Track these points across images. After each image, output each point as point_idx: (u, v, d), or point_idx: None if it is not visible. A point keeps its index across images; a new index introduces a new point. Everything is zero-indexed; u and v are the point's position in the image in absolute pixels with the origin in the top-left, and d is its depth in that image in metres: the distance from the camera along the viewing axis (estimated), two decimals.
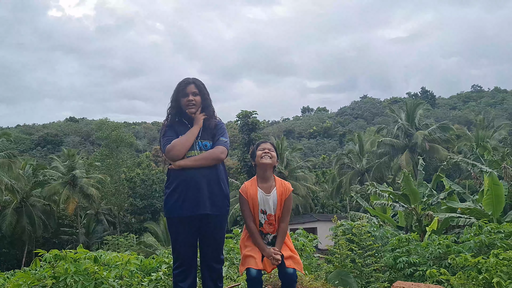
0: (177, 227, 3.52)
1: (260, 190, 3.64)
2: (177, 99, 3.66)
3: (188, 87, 3.64)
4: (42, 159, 58.80)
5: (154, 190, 46.23)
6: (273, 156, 3.66)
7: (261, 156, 3.64)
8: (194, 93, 3.63)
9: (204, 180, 3.47)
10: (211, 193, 3.49)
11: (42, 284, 5.19)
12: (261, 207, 3.62)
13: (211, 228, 3.55)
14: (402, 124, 38.98)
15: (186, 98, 3.61)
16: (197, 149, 3.54)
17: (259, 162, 3.65)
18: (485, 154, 22.31)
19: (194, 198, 3.43)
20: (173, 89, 3.71)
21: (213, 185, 3.51)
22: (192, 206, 3.43)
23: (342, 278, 6.56)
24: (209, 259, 3.60)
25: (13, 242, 38.66)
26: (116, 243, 32.90)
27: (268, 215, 3.62)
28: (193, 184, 3.44)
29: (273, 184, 3.68)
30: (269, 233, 3.63)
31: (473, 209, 15.18)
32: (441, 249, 7.27)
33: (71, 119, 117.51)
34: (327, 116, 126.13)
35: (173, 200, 3.48)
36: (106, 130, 47.18)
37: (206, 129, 3.65)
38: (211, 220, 3.52)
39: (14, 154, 35.84)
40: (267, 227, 3.62)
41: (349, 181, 41.27)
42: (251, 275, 3.47)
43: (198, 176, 3.46)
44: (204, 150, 3.56)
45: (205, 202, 3.46)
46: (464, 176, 38.26)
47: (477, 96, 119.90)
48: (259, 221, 3.62)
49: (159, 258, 7.30)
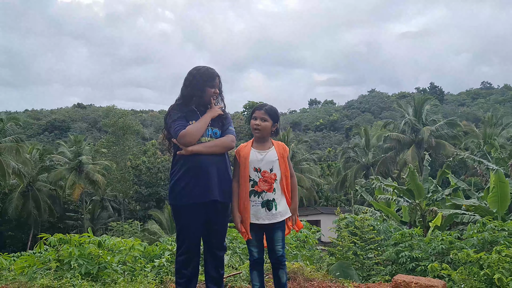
0: (184, 214, 3.53)
1: (254, 150, 3.63)
2: (204, 88, 3.62)
3: (216, 79, 3.68)
4: (50, 144, 59.10)
5: (159, 178, 46.43)
6: (263, 127, 3.61)
7: (253, 127, 3.66)
8: (219, 87, 3.71)
9: (213, 167, 3.49)
10: (220, 180, 3.51)
11: (46, 267, 5.26)
12: (254, 165, 3.57)
13: (217, 215, 3.57)
14: (409, 119, 38.76)
15: (214, 89, 3.65)
16: (207, 136, 3.56)
17: (252, 131, 3.69)
18: (492, 152, 22.19)
19: (204, 184, 3.45)
20: (193, 75, 3.63)
21: (222, 172, 3.55)
22: (202, 193, 3.44)
23: (344, 270, 6.59)
24: (212, 246, 3.62)
25: (19, 225, 39.09)
26: (121, 229, 33.11)
27: (262, 172, 3.57)
28: (203, 171, 3.46)
29: (270, 145, 3.68)
30: (264, 191, 3.55)
31: (478, 206, 15.13)
32: (444, 244, 7.26)
33: (79, 106, 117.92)
34: (334, 109, 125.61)
35: (181, 187, 3.48)
36: (113, 117, 47.36)
37: (216, 117, 3.68)
38: (218, 207, 3.54)
39: (21, 138, 36.08)
40: (262, 184, 3.55)
41: (354, 174, 41.23)
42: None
43: (208, 162, 3.48)
44: (214, 138, 3.58)
45: (215, 188, 3.48)
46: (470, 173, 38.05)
47: (486, 93, 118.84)
48: (252, 180, 3.57)
49: (162, 245, 7.37)
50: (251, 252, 3.62)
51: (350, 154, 44.74)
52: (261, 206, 3.53)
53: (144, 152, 54.97)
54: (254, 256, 3.59)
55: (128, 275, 5.46)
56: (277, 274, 3.61)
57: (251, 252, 3.61)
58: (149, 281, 4.64)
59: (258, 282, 3.61)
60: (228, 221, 3.77)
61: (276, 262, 3.61)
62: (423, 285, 3.97)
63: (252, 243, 3.58)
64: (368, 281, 7.40)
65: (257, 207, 3.53)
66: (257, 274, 3.61)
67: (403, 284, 4.05)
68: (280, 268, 3.61)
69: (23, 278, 4.82)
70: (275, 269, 3.63)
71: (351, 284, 4.86)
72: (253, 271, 3.63)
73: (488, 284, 4.50)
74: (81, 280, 4.67)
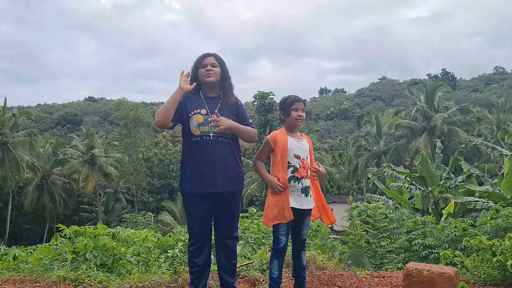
0: (193, 204, 3.54)
1: (291, 138, 3.72)
2: (195, 69, 3.63)
3: (207, 58, 3.62)
4: (62, 138, 59.75)
5: (171, 170, 46.75)
6: (304, 119, 3.82)
7: (295, 118, 3.74)
8: (213, 64, 3.61)
9: (219, 156, 3.47)
10: (227, 169, 3.49)
11: (62, 259, 5.35)
12: (294, 152, 3.66)
13: (227, 204, 3.56)
14: (421, 106, 38.37)
15: (205, 68, 3.59)
16: (208, 125, 3.50)
17: (293, 121, 3.74)
18: (506, 138, 21.91)
19: (210, 174, 3.44)
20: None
21: (228, 161, 3.52)
22: (208, 183, 3.43)
23: (356, 258, 6.60)
24: (223, 236, 3.61)
25: (35, 218, 39.73)
26: (134, 221, 33.51)
27: (301, 159, 3.68)
28: (209, 160, 3.44)
29: (300, 135, 3.85)
30: (303, 177, 3.65)
31: (492, 192, 14.97)
32: (457, 232, 7.23)
33: (90, 99, 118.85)
34: (345, 98, 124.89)
35: (189, 177, 3.49)
36: (124, 110, 47.61)
37: (225, 104, 3.62)
38: (227, 197, 3.53)
39: (34, 133, 36.50)
40: (302, 171, 3.65)
41: (366, 163, 41.02)
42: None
43: (213, 152, 3.46)
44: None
45: (221, 178, 3.46)
46: (483, 159, 37.67)
47: (499, 78, 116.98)
48: (293, 166, 3.64)
49: (175, 236, 7.44)
50: (278, 240, 3.59)
51: (362, 142, 44.49)
52: (301, 192, 3.63)
53: (155, 144, 55.32)
54: (280, 244, 3.59)
55: (142, 265, 5.54)
56: (300, 256, 3.75)
57: (279, 240, 3.59)
58: (163, 272, 4.70)
59: (277, 271, 3.63)
60: (239, 211, 3.76)
61: (300, 244, 3.75)
62: (436, 273, 3.97)
63: (283, 231, 3.58)
64: (380, 269, 7.41)
65: (298, 192, 3.61)
66: (278, 263, 3.63)
67: (415, 271, 4.05)
68: (303, 250, 3.77)
69: (40, 269, 4.91)
70: (297, 251, 3.74)
71: (364, 272, 4.87)
72: (274, 260, 3.62)
73: (501, 271, 4.48)
74: (97, 271, 4.74)
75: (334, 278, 4.47)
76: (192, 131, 3.50)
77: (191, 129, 3.50)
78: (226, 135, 3.55)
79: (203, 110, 3.54)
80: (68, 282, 4.25)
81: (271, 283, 3.64)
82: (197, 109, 3.53)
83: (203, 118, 3.50)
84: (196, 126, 3.49)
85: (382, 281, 4.55)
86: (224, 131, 3.48)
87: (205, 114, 3.52)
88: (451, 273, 3.96)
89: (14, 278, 4.39)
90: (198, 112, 3.53)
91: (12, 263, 5.93)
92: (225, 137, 3.55)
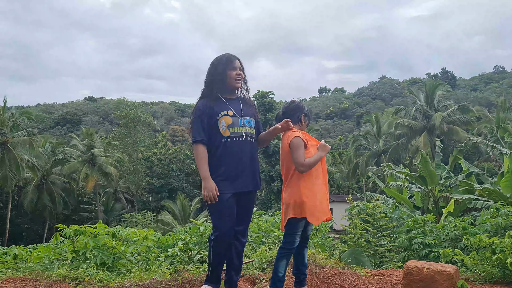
0: (224, 202, 3.49)
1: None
2: (224, 72, 3.59)
3: (236, 61, 3.63)
4: (62, 138, 59.72)
5: (171, 170, 46.69)
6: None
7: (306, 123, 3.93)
8: (240, 68, 3.64)
9: (249, 156, 3.56)
10: (255, 169, 3.61)
11: (62, 258, 5.36)
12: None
13: (249, 203, 3.66)
14: (421, 106, 38.37)
15: (235, 71, 3.59)
16: (240, 126, 3.56)
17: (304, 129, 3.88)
18: (506, 137, 21.87)
19: (242, 174, 3.51)
20: (215, 65, 3.63)
21: (255, 161, 3.63)
22: (240, 182, 3.50)
23: (356, 257, 6.61)
24: (238, 233, 3.64)
25: (34, 218, 39.73)
26: (134, 220, 33.46)
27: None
28: (240, 160, 3.51)
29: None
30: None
31: (492, 190, 14.97)
32: (457, 230, 7.23)
33: (90, 99, 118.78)
34: (344, 97, 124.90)
35: (220, 176, 3.48)
36: (124, 110, 47.56)
37: (248, 105, 3.70)
38: (251, 196, 3.65)
39: (34, 132, 36.48)
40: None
41: (366, 162, 41.04)
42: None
43: (244, 152, 3.53)
44: (247, 127, 3.59)
45: (251, 178, 3.57)
46: (483, 158, 37.68)
47: (499, 77, 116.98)
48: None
49: (175, 235, 7.44)
50: (294, 240, 3.64)
51: (361, 141, 44.49)
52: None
53: (155, 143, 55.29)
54: (295, 244, 3.66)
55: (142, 264, 5.55)
56: (303, 253, 3.84)
57: (295, 240, 3.65)
58: (163, 270, 4.70)
59: (284, 271, 3.68)
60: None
61: (305, 241, 3.83)
62: (435, 271, 3.97)
63: (301, 230, 3.67)
64: (380, 268, 7.41)
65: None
66: (286, 263, 3.69)
67: (415, 269, 4.05)
68: (306, 247, 3.87)
69: (40, 268, 4.92)
70: (301, 248, 3.80)
71: (363, 270, 4.88)
72: (283, 259, 3.66)
73: (501, 269, 4.49)
74: (97, 270, 4.75)
75: (334, 276, 4.47)
76: (222, 132, 3.51)
77: (220, 131, 3.52)
78: (252, 136, 3.64)
79: (230, 112, 3.57)
80: (68, 281, 4.26)
81: (276, 282, 3.65)
82: (224, 111, 3.56)
83: (231, 120, 3.54)
84: (225, 128, 3.51)
85: (382, 279, 4.55)
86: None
87: (232, 115, 3.56)
88: (450, 271, 3.96)
89: (14, 277, 4.40)
90: (225, 113, 3.55)
91: (12, 262, 5.94)
92: (252, 138, 3.62)
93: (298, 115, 3.86)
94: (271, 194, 29.33)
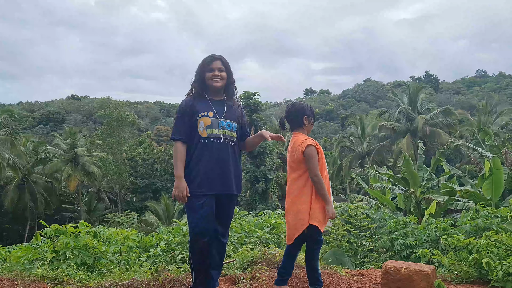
0: (201, 202, 3.51)
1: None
2: (202, 73, 3.64)
3: (215, 62, 3.64)
4: (44, 137, 58.94)
5: (155, 170, 46.38)
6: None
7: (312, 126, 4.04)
8: (220, 69, 3.64)
9: (226, 159, 3.56)
10: (234, 172, 3.61)
11: (42, 258, 5.30)
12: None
13: (229, 205, 3.69)
14: (404, 108, 38.82)
15: (212, 72, 3.61)
16: (219, 128, 3.57)
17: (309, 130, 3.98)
18: (486, 139, 22.24)
19: (219, 176, 3.51)
20: (199, 65, 3.70)
21: (235, 164, 3.63)
22: (218, 184, 3.51)
23: (337, 257, 6.67)
24: (220, 234, 3.67)
25: (15, 218, 39.05)
26: (117, 220, 33.12)
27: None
28: (217, 162, 3.52)
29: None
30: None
31: (472, 192, 15.22)
32: (438, 232, 7.35)
33: (73, 97, 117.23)
34: (329, 99, 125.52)
35: (196, 177, 3.49)
36: (108, 109, 47.12)
37: (230, 109, 3.69)
38: (231, 198, 3.68)
39: (16, 131, 35.92)
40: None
41: (350, 164, 41.30)
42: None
43: (220, 154, 3.54)
44: (226, 130, 3.59)
45: (230, 180, 3.57)
46: (465, 161, 38.25)
47: (481, 81, 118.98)
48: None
49: (158, 235, 7.42)
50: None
51: (346, 143, 44.80)
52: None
53: (140, 143, 54.86)
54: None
55: (123, 264, 5.51)
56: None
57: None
58: (144, 270, 4.69)
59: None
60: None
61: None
62: (413, 270, 4.04)
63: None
64: (362, 268, 7.48)
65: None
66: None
67: (393, 269, 4.11)
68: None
69: (19, 268, 4.86)
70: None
71: (343, 270, 4.93)
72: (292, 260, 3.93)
73: (477, 269, 4.58)
74: (77, 270, 4.71)
75: None
76: (200, 133, 3.53)
77: (199, 131, 3.53)
78: (233, 139, 3.64)
79: (211, 113, 3.58)
80: (46, 281, 4.22)
81: (283, 279, 3.88)
82: (205, 111, 3.57)
83: (210, 121, 3.55)
84: (204, 128, 3.53)
85: (361, 279, 4.61)
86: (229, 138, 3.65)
87: (212, 116, 3.57)
88: (428, 271, 4.03)
89: None
90: (205, 114, 3.56)
91: None
92: (232, 141, 3.63)
93: (300, 118, 3.89)
94: (256, 195, 29.31)
